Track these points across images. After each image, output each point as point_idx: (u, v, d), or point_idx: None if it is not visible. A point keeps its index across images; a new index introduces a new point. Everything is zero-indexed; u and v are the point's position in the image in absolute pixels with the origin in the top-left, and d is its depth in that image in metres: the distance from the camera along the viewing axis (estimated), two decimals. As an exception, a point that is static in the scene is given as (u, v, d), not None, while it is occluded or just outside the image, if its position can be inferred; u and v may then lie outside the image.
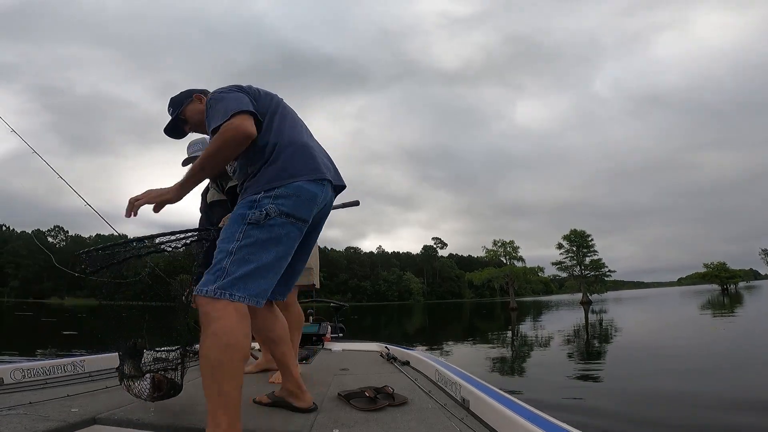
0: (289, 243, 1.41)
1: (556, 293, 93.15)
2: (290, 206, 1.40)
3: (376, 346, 3.35)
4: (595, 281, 47.12)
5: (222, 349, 1.22)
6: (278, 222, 1.38)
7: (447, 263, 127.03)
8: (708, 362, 7.00)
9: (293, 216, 1.41)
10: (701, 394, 4.87)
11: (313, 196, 1.47)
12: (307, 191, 1.45)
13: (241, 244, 1.33)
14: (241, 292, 1.28)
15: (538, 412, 1.28)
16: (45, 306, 47.29)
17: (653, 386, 5.42)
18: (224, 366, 1.21)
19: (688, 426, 3.90)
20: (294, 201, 1.41)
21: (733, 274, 58.86)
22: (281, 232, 1.38)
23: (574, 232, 48.68)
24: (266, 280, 1.35)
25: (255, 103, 1.49)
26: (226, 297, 1.26)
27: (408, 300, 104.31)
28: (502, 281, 44.15)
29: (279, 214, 1.38)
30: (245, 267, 1.30)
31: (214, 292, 1.26)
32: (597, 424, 3.91)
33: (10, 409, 1.55)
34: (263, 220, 1.36)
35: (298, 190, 1.43)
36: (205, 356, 1.23)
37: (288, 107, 1.63)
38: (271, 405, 1.68)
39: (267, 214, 1.36)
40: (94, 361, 2.44)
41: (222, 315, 1.24)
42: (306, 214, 1.45)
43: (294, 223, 1.41)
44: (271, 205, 1.37)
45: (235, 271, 1.29)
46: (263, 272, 1.34)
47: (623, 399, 4.88)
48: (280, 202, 1.39)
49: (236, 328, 1.25)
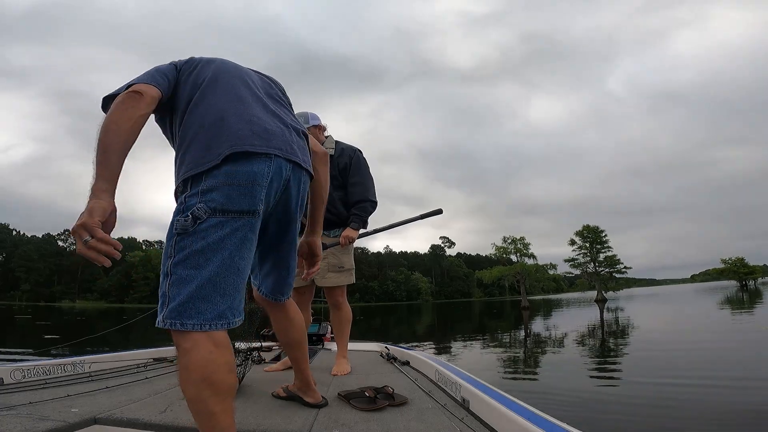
0: (237, 243, 1.14)
1: (567, 291, 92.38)
2: (222, 199, 1.13)
3: (376, 346, 3.34)
4: (610, 278, 45.98)
5: (196, 384, 1.04)
6: (212, 223, 1.11)
7: (455, 262, 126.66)
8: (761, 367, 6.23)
9: (230, 211, 1.13)
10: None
11: (252, 176, 1.17)
12: (242, 173, 1.16)
13: (174, 262, 1.09)
14: (193, 319, 1.06)
15: (539, 412, 1.26)
16: (55, 309, 47.93)
17: (699, 395, 4.95)
18: (201, 403, 1.05)
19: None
20: (226, 191, 1.14)
21: (752, 269, 57.51)
22: (220, 234, 1.11)
23: (587, 228, 47.34)
24: (222, 297, 1.11)
25: (173, 74, 1.31)
26: (177, 327, 1.06)
27: (416, 300, 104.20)
28: (512, 279, 43.70)
29: (211, 213, 1.11)
30: (186, 288, 1.07)
31: (164, 323, 1.07)
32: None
33: (10, 409, 1.56)
34: (192, 226, 1.10)
35: (228, 175, 1.15)
36: (183, 390, 1.07)
37: (231, 72, 1.35)
38: (287, 398, 1.76)
39: (195, 217, 1.10)
40: (94, 361, 2.45)
41: (191, 346, 1.06)
42: (248, 203, 1.16)
43: (236, 218, 1.14)
44: (199, 205, 1.11)
45: (177, 296, 1.07)
46: (213, 288, 1.09)
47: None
48: (209, 197, 1.12)
49: (209, 360, 1.05)
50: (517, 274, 42.18)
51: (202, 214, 1.11)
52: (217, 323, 1.10)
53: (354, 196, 2.60)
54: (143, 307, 6.52)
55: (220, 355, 1.08)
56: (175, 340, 1.09)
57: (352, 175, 2.61)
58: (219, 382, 1.06)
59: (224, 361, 1.08)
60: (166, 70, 1.32)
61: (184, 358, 1.07)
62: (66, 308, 53.56)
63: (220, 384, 1.06)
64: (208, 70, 1.34)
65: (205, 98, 1.26)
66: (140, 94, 1.17)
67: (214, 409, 1.05)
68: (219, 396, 1.06)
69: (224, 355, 1.09)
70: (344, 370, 2.41)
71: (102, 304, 75.03)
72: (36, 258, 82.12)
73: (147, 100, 1.18)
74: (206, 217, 1.11)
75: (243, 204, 1.16)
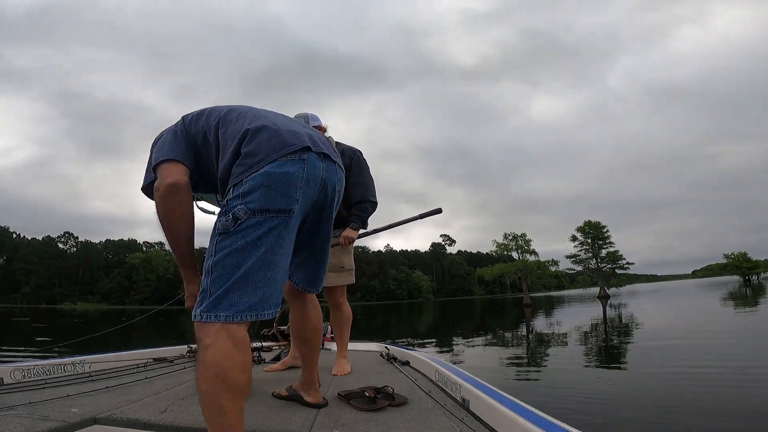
0: (274, 241, 1.23)
1: (569, 288, 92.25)
2: (261, 200, 1.22)
3: (376, 346, 3.34)
4: (612, 274, 45.64)
5: (210, 379, 1.11)
6: (251, 223, 1.20)
7: (456, 260, 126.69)
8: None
9: (268, 210, 1.22)
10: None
11: (287, 178, 1.26)
12: (277, 175, 1.25)
13: (215, 260, 1.19)
14: (226, 310, 1.15)
15: (539, 413, 1.26)
16: (56, 311, 47.95)
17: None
18: (213, 397, 1.11)
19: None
20: (264, 192, 1.22)
21: (756, 264, 57.10)
22: (258, 232, 1.21)
23: (588, 224, 47.01)
24: (254, 290, 1.19)
25: (186, 132, 1.44)
26: (212, 319, 1.15)
27: (418, 298, 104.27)
28: (513, 276, 43.51)
29: (250, 214, 1.21)
30: (224, 283, 1.17)
31: (200, 317, 1.16)
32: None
33: (10, 409, 1.57)
34: (233, 227, 1.20)
35: (266, 177, 1.24)
36: (197, 384, 1.14)
37: (235, 110, 1.43)
38: (287, 398, 1.78)
39: (235, 218, 1.20)
40: (94, 361, 2.45)
41: (213, 342, 1.13)
42: (284, 203, 1.25)
43: (272, 217, 1.23)
44: (240, 206, 1.21)
45: (216, 290, 1.17)
46: (246, 282, 1.18)
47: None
48: (249, 199, 1.21)
49: (227, 357, 1.12)
50: (519, 271, 41.99)
51: (242, 215, 1.20)
52: (248, 314, 1.18)
53: (354, 196, 2.60)
54: (144, 309, 6.47)
55: (237, 353, 1.14)
56: (198, 335, 1.16)
57: (352, 176, 2.61)
58: (231, 379, 1.12)
59: (240, 360, 1.15)
60: (180, 137, 1.44)
61: (203, 353, 1.14)
62: (67, 310, 53.62)
63: (233, 381, 1.12)
64: (210, 119, 1.44)
65: (230, 123, 1.38)
66: (176, 186, 1.33)
67: (224, 404, 1.11)
68: (230, 392, 1.12)
69: (241, 354, 1.16)
70: (344, 370, 2.42)
71: (103, 306, 75.16)
72: (36, 261, 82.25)
73: (184, 189, 1.35)
74: (246, 218, 1.20)
75: (279, 203, 1.24)
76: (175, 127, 1.48)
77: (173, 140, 1.41)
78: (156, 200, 1.34)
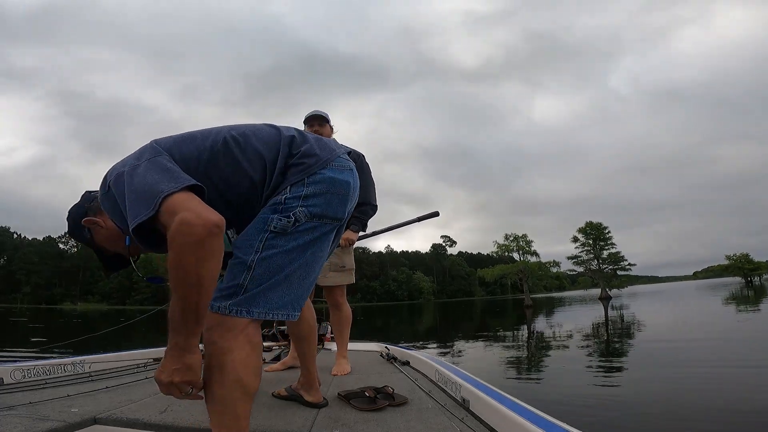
0: (321, 246, 1.19)
1: (570, 289, 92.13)
2: (322, 205, 1.17)
3: (376, 346, 3.35)
4: (613, 275, 45.43)
5: (229, 385, 1.03)
6: (308, 227, 1.15)
7: (457, 261, 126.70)
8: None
9: (326, 217, 1.18)
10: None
11: (347, 187, 1.22)
12: (339, 183, 1.20)
13: (261, 256, 1.10)
14: (260, 307, 1.09)
15: (539, 412, 1.26)
16: (56, 311, 47.94)
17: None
18: (230, 403, 1.05)
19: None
20: (326, 198, 1.17)
21: (758, 265, 56.98)
22: (311, 237, 1.15)
23: (590, 225, 46.90)
24: (289, 289, 1.14)
25: (170, 155, 1.13)
26: (243, 315, 1.07)
27: (418, 299, 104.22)
28: (514, 277, 43.43)
29: (310, 218, 1.15)
30: (267, 281, 1.10)
31: (228, 309, 1.06)
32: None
33: (10, 409, 1.57)
34: (291, 228, 1.12)
35: (330, 183, 1.18)
36: (211, 388, 1.05)
37: (236, 128, 1.24)
38: (287, 398, 1.78)
39: (296, 220, 1.13)
40: (94, 361, 2.46)
41: (234, 346, 1.05)
42: (341, 211, 1.22)
43: (327, 224, 1.19)
44: (301, 208, 1.14)
45: (254, 287, 1.09)
46: (287, 283, 1.13)
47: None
48: (312, 202, 1.15)
49: (245, 364, 1.06)
50: (520, 272, 41.93)
51: (302, 218, 1.14)
52: (279, 313, 1.13)
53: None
54: (145, 309, 6.51)
55: (254, 358, 1.09)
56: (215, 337, 1.05)
57: None
58: (249, 385, 1.06)
59: (257, 365, 1.10)
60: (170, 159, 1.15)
61: (221, 357, 1.04)
62: (67, 310, 53.64)
63: (250, 386, 1.07)
64: (211, 133, 1.23)
65: (250, 137, 1.20)
66: (220, 228, 0.98)
67: (239, 411, 1.05)
68: (246, 397, 1.07)
69: (257, 359, 1.11)
70: (344, 370, 2.43)
71: (103, 306, 75.12)
72: (37, 261, 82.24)
73: (223, 229, 1.03)
74: (304, 221, 1.14)
75: (338, 212, 1.21)
76: (152, 153, 1.12)
77: (170, 162, 1.10)
78: (180, 245, 0.94)
